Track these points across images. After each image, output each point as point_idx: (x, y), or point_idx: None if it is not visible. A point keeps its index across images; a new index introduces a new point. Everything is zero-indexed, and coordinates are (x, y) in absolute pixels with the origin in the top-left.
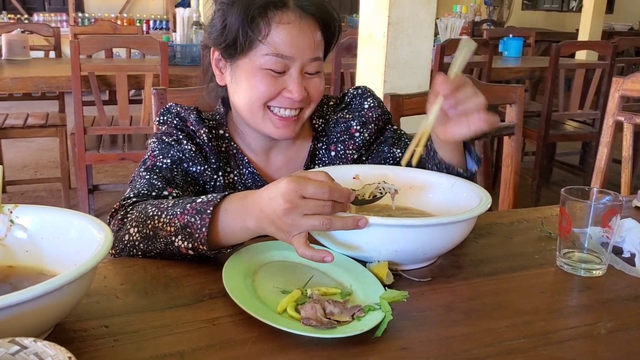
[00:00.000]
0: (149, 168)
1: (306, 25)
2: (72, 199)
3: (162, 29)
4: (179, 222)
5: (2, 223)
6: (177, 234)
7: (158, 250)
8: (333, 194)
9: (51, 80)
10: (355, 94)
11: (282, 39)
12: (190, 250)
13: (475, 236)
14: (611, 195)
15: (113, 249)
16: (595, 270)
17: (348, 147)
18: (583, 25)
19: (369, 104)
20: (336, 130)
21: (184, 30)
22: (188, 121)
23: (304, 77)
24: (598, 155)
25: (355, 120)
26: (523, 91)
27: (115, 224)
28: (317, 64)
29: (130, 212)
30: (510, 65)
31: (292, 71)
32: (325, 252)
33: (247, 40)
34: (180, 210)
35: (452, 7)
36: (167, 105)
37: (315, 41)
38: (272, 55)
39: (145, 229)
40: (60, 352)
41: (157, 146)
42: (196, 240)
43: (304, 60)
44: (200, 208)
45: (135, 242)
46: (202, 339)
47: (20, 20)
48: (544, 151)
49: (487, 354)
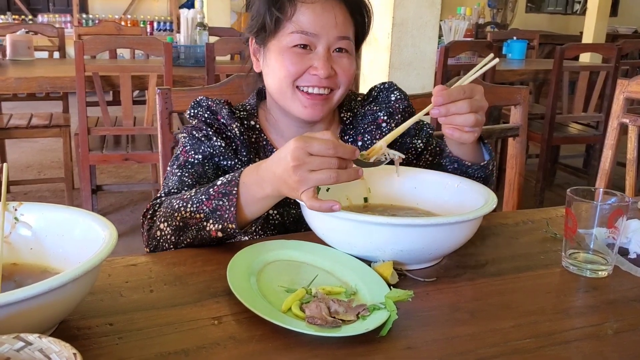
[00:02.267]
0: (182, 165)
1: (330, 5)
2: (75, 199)
3: (166, 30)
4: (207, 208)
5: (7, 221)
6: (208, 218)
7: (189, 239)
8: (338, 150)
9: (55, 80)
10: (382, 88)
11: (306, 17)
12: (219, 232)
13: (481, 236)
14: (617, 196)
15: (148, 247)
16: (601, 271)
17: (375, 137)
18: (587, 28)
19: (396, 96)
20: (364, 122)
21: (187, 31)
22: (219, 115)
23: (331, 55)
24: (602, 157)
25: (382, 112)
26: (528, 93)
27: (146, 223)
28: (345, 42)
29: (158, 210)
30: (514, 67)
31: (318, 49)
32: (332, 202)
33: (273, 20)
34: (205, 197)
35: (456, 9)
36: (198, 99)
37: (340, 20)
38: (297, 33)
39: (174, 221)
40: (65, 348)
41: (187, 141)
42: (225, 220)
43: (330, 38)
44: (224, 190)
45: (167, 236)
46: (207, 337)
47: (25, 21)
48: (548, 154)
49: (492, 354)
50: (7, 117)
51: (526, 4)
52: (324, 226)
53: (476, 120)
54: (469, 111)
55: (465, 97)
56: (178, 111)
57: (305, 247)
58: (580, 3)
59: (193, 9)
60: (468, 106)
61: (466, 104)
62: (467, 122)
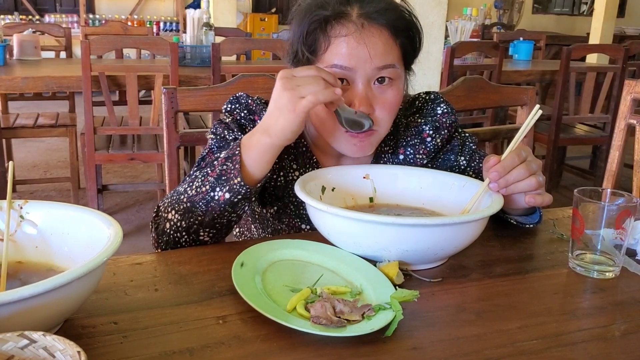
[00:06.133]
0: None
1: (368, 33)
2: (81, 198)
3: (172, 30)
4: (212, 177)
5: (12, 219)
6: (215, 187)
7: (200, 216)
8: (321, 72)
9: (62, 80)
10: (428, 99)
11: (339, 51)
12: (227, 193)
13: (487, 237)
14: (625, 196)
15: (159, 247)
16: (608, 272)
17: (418, 151)
18: (594, 29)
19: (442, 110)
20: (406, 134)
21: (194, 31)
22: (257, 115)
23: (371, 88)
24: (609, 158)
25: (428, 125)
26: (534, 93)
27: (154, 222)
28: (388, 71)
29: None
30: (521, 68)
31: (357, 83)
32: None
33: (305, 56)
34: (210, 169)
35: (463, 9)
36: (237, 95)
37: (379, 48)
38: (330, 68)
39: (181, 205)
40: (70, 346)
41: (215, 143)
42: (232, 179)
43: (368, 70)
44: (227, 155)
45: (177, 224)
46: (211, 337)
47: (32, 21)
48: (554, 155)
49: (498, 355)
50: (13, 116)
51: (533, 4)
52: (329, 226)
53: (538, 183)
54: (528, 175)
55: (520, 162)
56: (184, 111)
57: (311, 247)
58: (587, 4)
59: (199, 9)
60: (526, 171)
61: (523, 169)
62: (530, 187)
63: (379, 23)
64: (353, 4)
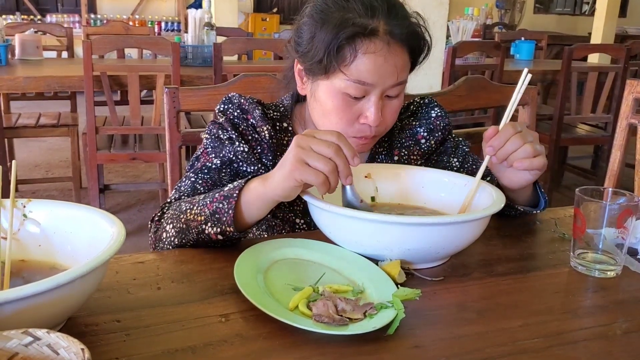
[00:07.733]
0: (198, 169)
1: (393, 52)
2: (83, 198)
3: (174, 30)
4: (208, 210)
5: (16, 217)
6: (207, 221)
7: (191, 241)
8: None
9: (63, 80)
10: (422, 103)
11: (365, 68)
12: (219, 235)
13: (488, 236)
14: (626, 196)
15: (155, 249)
16: (610, 271)
17: (413, 152)
18: (596, 29)
19: (437, 113)
20: (401, 136)
21: (195, 31)
22: (250, 114)
23: (382, 101)
24: (611, 158)
25: (422, 127)
26: (536, 92)
27: (154, 226)
28: (400, 87)
29: (166, 212)
30: (522, 68)
31: (371, 96)
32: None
33: (330, 66)
34: (209, 200)
35: (464, 9)
36: (230, 95)
37: (400, 67)
38: (352, 82)
39: (179, 223)
40: (73, 343)
41: (210, 143)
42: (223, 223)
43: (385, 86)
44: (227, 194)
45: (171, 239)
46: (214, 335)
47: (34, 20)
48: (556, 154)
49: (500, 354)
50: (15, 116)
51: (534, 4)
52: (331, 224)
53: (534, 150)
54: (524, 142)
55: (515, 132)
56: (185, 110)
57: (313, 246)
58: (588, 4)
59: (201, 9)
60: (521, 140)
61: (518, 138)
62: (527, 154)
63: (402, 42)
64: (380, 16)
